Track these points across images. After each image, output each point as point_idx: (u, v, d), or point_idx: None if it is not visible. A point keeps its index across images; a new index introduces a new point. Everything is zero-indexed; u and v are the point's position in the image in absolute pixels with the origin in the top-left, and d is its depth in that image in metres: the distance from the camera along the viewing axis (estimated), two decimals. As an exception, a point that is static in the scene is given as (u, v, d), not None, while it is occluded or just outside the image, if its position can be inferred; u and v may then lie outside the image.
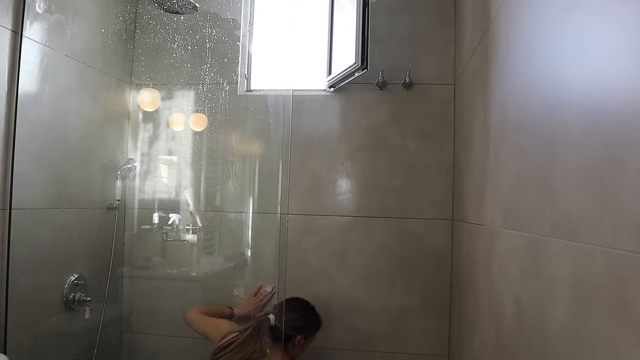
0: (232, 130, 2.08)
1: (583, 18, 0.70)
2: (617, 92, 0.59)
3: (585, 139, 0.67)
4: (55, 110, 1.69)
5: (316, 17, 2.07)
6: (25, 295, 1.53)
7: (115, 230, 1.99)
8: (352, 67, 1.75)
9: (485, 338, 1.22)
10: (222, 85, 2.04)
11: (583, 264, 0.66)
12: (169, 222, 2.08)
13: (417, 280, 1.90)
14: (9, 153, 1.47)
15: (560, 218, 0.75)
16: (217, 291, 2.08)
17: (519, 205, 0.97)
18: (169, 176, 2.19)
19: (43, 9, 1.61)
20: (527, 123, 0.94)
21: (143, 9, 2.09)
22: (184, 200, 2.10)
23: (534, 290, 0.86)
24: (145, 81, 2.12)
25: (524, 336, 0.91)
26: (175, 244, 2.10)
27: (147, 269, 2.10)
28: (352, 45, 1.73)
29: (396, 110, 1.94)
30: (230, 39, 2.04)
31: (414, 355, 1.90)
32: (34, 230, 1.59)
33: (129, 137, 2.12)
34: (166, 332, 2.00)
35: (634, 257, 0.53)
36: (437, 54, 1.93)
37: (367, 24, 1.71)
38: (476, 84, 1.46)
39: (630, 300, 0.54)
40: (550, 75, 0.83)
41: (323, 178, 1.97)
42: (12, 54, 1.48)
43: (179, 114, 2.16)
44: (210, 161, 2.09)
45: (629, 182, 0.55)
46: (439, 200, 1.90)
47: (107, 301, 1.93)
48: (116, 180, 2.01)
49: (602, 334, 0.60)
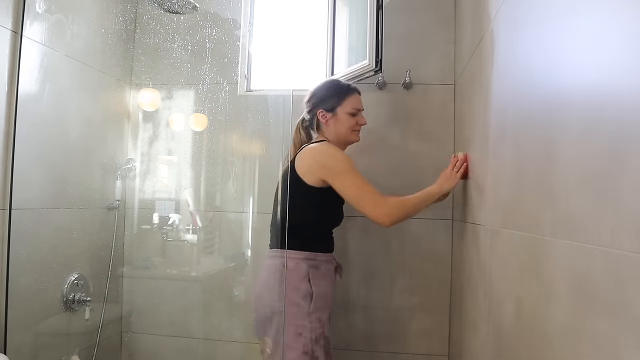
0: (232, 130, 2.08)
1: (583, 18, 0.70)
2: (617, 91, 0.59)
3: (585, 138, 0.67)
4: (55, 110, 1.69)
5: (316, 17, 2.07)
6: (25, 295, 1.53)
7: (115, 230, 1.99)
8: (364, 69, 1.75)
9: (485, 338, 1.22)
10: (222, 85, 2.04)
11: (583, 264, 0.66)
12: (169, 222, 2.08)
13: (417, 280, 1.90)
14: (9, 153, 1.47)
15: (560, 218, 0.75)
16: (217, 291, 2.08)
17: (519, 205, 0.97)
18: (169, 176, 2.20)
19: (43, 9, 1.61)
20: (527, 123, 0.94)
21: (143, 9, 2.09)
22: (184, 200, 2.10)
23: (534, 290, 0.86)
24: (145, 81, 2.12)
25: (524, 336, 0.91)
26: (175, 244, 2.10)
27: (147, 269, 2.10)
28: (364, 47, 1.73)
29: (396, 110, 1.94)
30: (230, 39, 2.04)
31: (414, 355, 1.89)
32: (34, 230, 1.59)
33: (129, 137, 2.12)
34: (166, 332, 2.00)
35: (634, 257, 0.53)
36: (437, 54, 1.93)
37: (381, 26, 1.71)
38: (476, 84, 1.46)
39: (630, 300, 0.54)
40: (550, 75, 0.83)
41: (323, 178, 1.96)
42: (12, 54, 1.48)
43: (179, 114, 2.16)
44: (210, 161, 2.09)
45: (629, 182, 0.55)
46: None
47: (107, 301, 1.93)
48: (116, 180, 2.01)
49: (602, 334, 0.60)
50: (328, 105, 1.55)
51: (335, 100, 1.54)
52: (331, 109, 1.54)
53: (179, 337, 1.99)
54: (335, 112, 1.54)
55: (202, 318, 2.04)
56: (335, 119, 1.54)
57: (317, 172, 1.46)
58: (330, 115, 1.54)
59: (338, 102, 1.54)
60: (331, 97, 1.55)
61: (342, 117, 1.54)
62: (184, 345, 1.98)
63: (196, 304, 2.04)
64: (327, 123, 1.55)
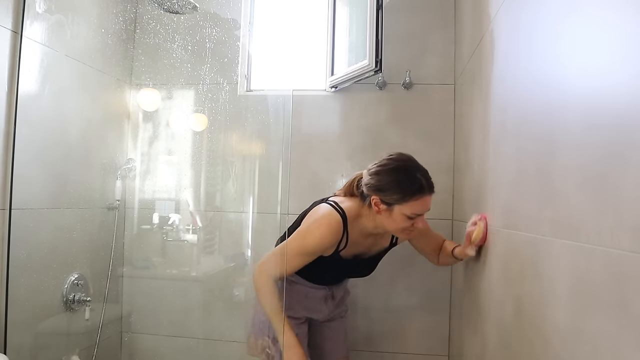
0: (232, 130, 2.08)
1: (582, 18, 0.70)
2: (617, 91, 0.59)
3: (585, 138, 0.67)
4: (56, 110, 1.69)
5: (316, 17, 2.07)
6: (25, 295, 1.53)
7: (115, 230, 1.99)
8: (364, 69, 1.75)
9: (485, 338, 1.22)
10: (222, 85, 2.04)
11: (583, 264, 0.66)
12: (169, 222, 2.08)
13: (418, 280, 1.90)
14: (9, 153, 1.47)
15: (560, 218, 0.75)
16: (217, 291, 2.08)
17: (519, 205, 0.97)
18: (169, 176, 2.19)
19: (43, 9, 1.61)
20: (527, 123, 0.94)
21: (143, 9, 2.09)
22: (184, 200, 2.10)
23: (534, 290, 0.86)
24: (145, 81, 2.12)
25: (524, 336, 0.91)
26: (175, 244, 2.10)
27: (147, 269, 2.10)
28: (364, 47, 1.73)
29: (396, 110, 1.94)
30: (230, 39, 2.04)
31: (414, 355, 1.89)
32: (34, 230, 1.59)
33: (129, 137, 2.12)
34: (166, 332, 2.00)
35: (634, 257, 0.53)
36: (437, 54, 1.93)
37: (381, 26, 1.71)
38: (476, 84, 1.46)
39: (630, 300, 0.54)
40: (550, 75, 0.83)
41: (323, 178, 1.97)
42: (12, 54, 1.47)
43: (179, 114, 2.16)
44: (210, 161, 2.09)
45: (629, 181, 0.55)
46: (439, 200, 1.88)
47: (107, 301, 1.93)
48: (116, 180, 2.01)
49: (602, 333, 0.60)
50: (387, 198, 1.29)
51: (398, 197, 1.28)
52: (388, 204, 1.29)
53: (179, 337, 1.99)
54: (392, 208, 1.29)
55: (202, 318, 2.04)
56: (390, 214, 1.29)
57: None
58: (385, 208, 1.30)
59: (399, 200, 1.27)
60: (394, 192, 1.28)
61: (397, 217, 1.29)
62: (184, 345, 1.98)
63: (196, 304, 2.04)
64: (379, 212, 1.31)
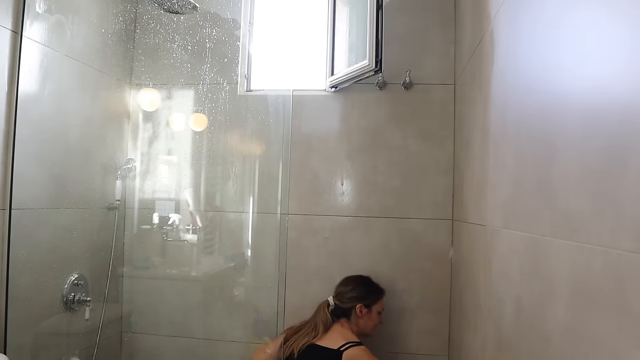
0: (232, 130, 2.08)
1: (582, 18, 0.70)
2: (617, 91, 0.59)
3: (585, 138, 0.67)
4: (56, 110, 1.69)
5: (316, 17, 2.07)
6: (25, 295, 1.53)
7: (115, 230, 1.99)
8: (364, 69, 1.74)
9: (485, 338, 1.22)
10: (222, 85, 2.04)
11: (583, 264, 0.66)
12: (169, 222, 2.08)
13: (417, 280, 1.90)
14: (9, 153, 1.47)
15: (560, 218, 0.75)
16: (217, 291, 2.09)
17: (519, 205, 0.97)
18: (169, 176, 2.19)
19: (43, 9, 1.61)
20: (527, 123, 0.94)
21: (143, 9, 2.09)
22: (184, 200, 2.10)
23: (534, 290, 0.86)
24: (145, 81, 2.12)
25: (524, 336, 0.91)
26: (175, 244, 2.10)
27: (147, 269, 2.10)
28: (364, 47, 1.73)
29: (396, 110, 1.94)
30: (230, 39, 2.04)
31: (414, 355, 1.90)
32: (34, 230, 1.59)
33: (129, 137, 2.12)
34: (166, 332, 2.00)
35: (633, 257, 0.53)
36: (437, 54, 1.93)
37: (381, 26, 1.71)
38: (476, 84, 1.46)
39: (630, 300, 0.54)
40: (549, 75, 0.83)
41: (323, 178, 1.97)
42: (12, 54, 1.48)
43: (179, 114, 2.16)
44: (210, 161, 2.09)
45: (629, 181, 0.55)
46: (439, 200, 1.90)
47: (107, 301, 1.93)
48: (116, 180, 2.01)
49: (602, 333, 0.60)
50: (367, 302, 1.74)
51: (373, 299, 1.76)
52: (368, 306, 1.74)
53: (179, 337, 1.99)
54: (370, 309, 1.74)
55: (202, 318, 2.04)
56: (369, 315, 1.74)
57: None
58: (366, 311, 1.73)
59: (374, 301, 1.76)
60: (370, 296, 1.76)
61: (374, 315, 1.75)
62: (184, 345, 1.99)
63: (196, 304, 2.04)
64: (362, 317, 1.73)
